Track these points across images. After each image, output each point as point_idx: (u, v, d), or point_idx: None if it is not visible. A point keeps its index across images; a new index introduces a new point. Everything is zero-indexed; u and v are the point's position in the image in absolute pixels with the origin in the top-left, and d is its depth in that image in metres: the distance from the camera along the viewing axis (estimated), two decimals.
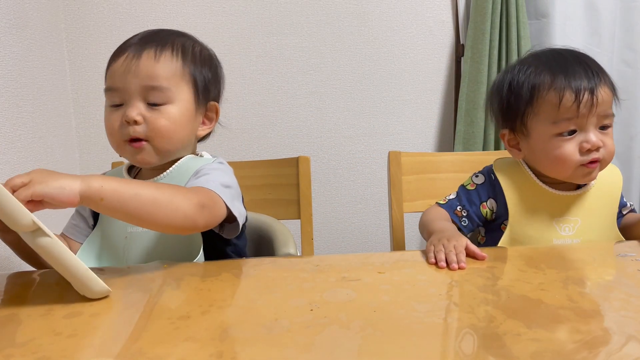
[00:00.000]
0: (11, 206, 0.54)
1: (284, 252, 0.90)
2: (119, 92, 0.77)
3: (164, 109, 0.77)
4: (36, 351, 0.47)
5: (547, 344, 0.46)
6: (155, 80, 0.77)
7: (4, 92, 1.19)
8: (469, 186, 0.92)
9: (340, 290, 0.60)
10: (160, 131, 0.77)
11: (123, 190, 0.62)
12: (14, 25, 1.25)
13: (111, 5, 1.59)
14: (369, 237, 1.82)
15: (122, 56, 0.77)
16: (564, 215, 0.85)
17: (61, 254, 0.57)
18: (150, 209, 0.64)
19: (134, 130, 0.76)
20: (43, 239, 0.56)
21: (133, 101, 0.76)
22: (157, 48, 0.78)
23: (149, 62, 0.77)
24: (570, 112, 0.80)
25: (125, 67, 0.76)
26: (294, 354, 0.46)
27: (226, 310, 0.56)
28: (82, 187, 0.59)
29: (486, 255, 0.71)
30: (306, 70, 1.71)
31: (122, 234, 0.79)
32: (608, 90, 0.82)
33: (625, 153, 1.82)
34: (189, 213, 0.67)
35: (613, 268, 0.69)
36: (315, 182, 1.44)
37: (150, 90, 0.76)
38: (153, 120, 0.77)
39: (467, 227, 0.89)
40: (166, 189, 0.67)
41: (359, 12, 1.70)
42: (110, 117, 0.78)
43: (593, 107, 0.79)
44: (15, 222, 0.54)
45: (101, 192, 0.61)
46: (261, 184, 1.17)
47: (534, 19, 1.71)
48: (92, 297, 0.59)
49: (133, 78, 0.76)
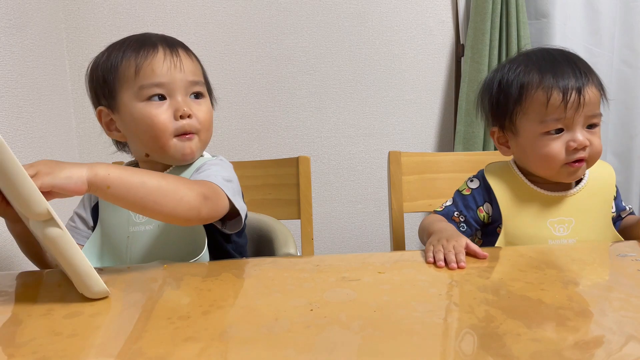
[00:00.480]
0: (29, 192, 0.54)
1: (284, 252, 0.90)
2: (163, 87, 0.78)
3: (204, 102, 0.82)
4: (36, 351, 0.47)
5: (547, 344, 0.46)
6: (197, 75, 0.81)
7: (4, 92, 1.19)
8: (464, 191, 0.92)
9: (340, 290, 0.60)
10: (207, 123, 0.81)
11: (129, 178, 0.63)
12: (14, 25, 1.25)
13: (111, 5, 1.59)
14: (369, 237, 1.83)
15: (158, 52, 0.78)
16: (558, 215, 0.85)
17: (68, 248, 0.57)
18: (155, 197, 0.64)
19: (189, 124, 0.78)
20: (54, 229, 0.55)
21: (181, 96, 0.78)
22: (182, 47, 0.82)
23: (187, 59, 0.81)
24: (558, 111, 0.81)
25: (169, 63, 0.78)
26: (294, 354, 0.46)
27: (226, 310, 0.56)
28: (89, 175, 0.60)
29: (487, 254, 0.71)
30: (306, 70, 1.71)
31: (124, 233, 0.79)
32: (596, 90, 0.82)
33: (625, 153, 1.81)
34: (193, 203, 0.67)
35: (613, 268, 0.69)
36: (315, 182, 1.44)
37: (194, 84, 0.80)
38: (199, 114, 0.80)
39: (465, 233, 0.89)
40: (171, 179, 0.67)
41: (358, 12, 1.70)
42: (153, 111, 0.77)
43: (580, 106, 0.80)
44: (29, 208, 0.54)
45: (107, 180, 0.61)
46: (261, 184, 1.17)
47: (534, 19, 1.71)
48: (90, 297, 0.59)
49: (179, 73, 0.78)
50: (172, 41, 0.82)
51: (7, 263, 1.13)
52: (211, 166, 0.80)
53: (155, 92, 0.77)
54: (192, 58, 0.83)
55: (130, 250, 0.79)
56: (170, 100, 0.78)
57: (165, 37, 0.83)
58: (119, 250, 0.79)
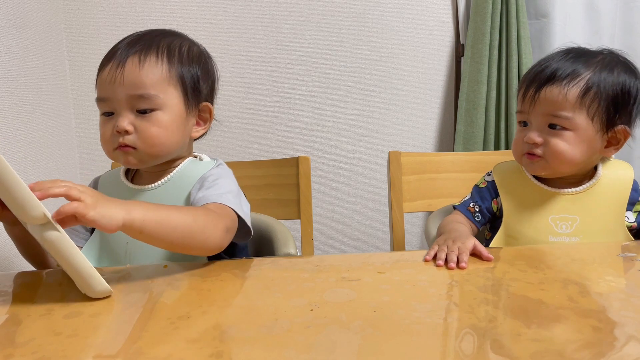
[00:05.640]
0: (24, 197, 0.54)
1: (284, 252, 0.90)
2: (108, 102, 0.77)
3: (153, 116, 0.76)
4: (36, 351, 0.47)
5: (547, 344, 0.46)
6: (141, 89, 0.75)
7: (4, 92, 1.19)
8: (481, 184, 0.95)
9: (340, 290, 0.60)
10: (152, 139, 0.76)
11: (163, 223, 0.64)
12: (14, 25, 1.25)
13: (111, 5, 1.59)
14: (369, 237, 1.83)
15: (108, 65, 0.77)
16: (561, 212, 0.86)
17: (68, 250, 0.57)
18: (185, 239, 0.66)
19: (124, 140, 0.76)
20: (52, 232, 0.56)
21: (122, 111, 0.76)
22: (140, 54, 0.77)
23: (133, 70, 0.75)
24: (520, 104, 0.88)
25: (111, 77, 0.75)
26: (294, 354, 0.46)
27: (226, 310, 0.56)
28: (125, 218, 0.60)
29: (492, 257, 0.71)
30: (306, 70, 1.71)
31: (123, 238, 0.78)
32: (572, 93, 0.81)
33: (625, 153, 1.81)
34: (218, 240, 0.70)
35: (613, 268, 0.69)
36: (315, 182, 1.44)
37: (137, 98, 0.75)
38: (143, 129, 0.76)
39: (480, 222, 0.92)
40: (200, 217, 0.68)
41: (358, 12, 1.70)
42: (103, 126, 0.79)
43: (534, 103, 0.84)
44: (26, 213, 0.54)
45: (142, 225, 0.62)
46: (261, 184, 1.17)
47: (534, 19, 1.71)
48: (93, 297, 0.59)
49: (119, 87, 0.75)
50: (138, 43, 0.78)
51: (7, 263, 1.13)
52: (218, 179, 0.79)
53: (102, 106, 0.78)
54: (147, 66, 0.76)
55: (129, 256, 0.78)
56: (115, 115, 0.77)
57: (135, 39, 0.80)
58: (118, 255, 0.79)
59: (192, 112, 0.82)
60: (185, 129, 0.81)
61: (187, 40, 0.84)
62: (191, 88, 0.80)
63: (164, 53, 0.78)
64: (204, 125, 0.85)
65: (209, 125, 0.86)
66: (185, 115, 0.80)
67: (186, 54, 0.81)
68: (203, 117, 0.84)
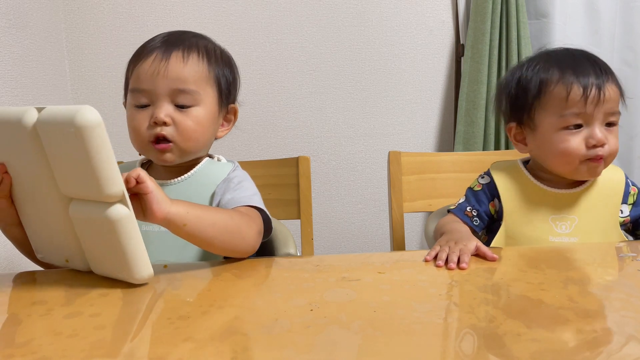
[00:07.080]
0: (111, 172, 0.56)
1: (284, 252, 0.90)
2: (146, 93, 0.77)
3: (192, 111, 0.78)
4: (36, 351, 0.47)
5: (547, 344, 0.46)
6: (184, 83, 0.77)
7: (4, 92, 1.19)
8: (475, 187, 0.93)
9: (340, 290, 0.60)
10: (188, 133, 0.78)
11: (203, 217, 0.66)
12: (14, 25, 1.25)
13: (111, 6, 1.59)
14: (369, 237, 1.82)
15: (150, 57, 0.78)
16: (561, 213, 0.85)
17: (130, 229, 0.58)
18: (223, 237, 0.68)
19: (162, 130, 0.77)
20: (122, 210, 0.57)
21: (161, 102, 0.77)
22: (184, 50, 0.79)
23: (177, 65, 0.78)
24: (578, 106, 0.81)
25: (154, 69, 0.77)
26: (294, 354, 0.46)
27: (226, 310, 0.56)
28: (170, 209, 0.63)
29: (497, 257, 0.70)
30: (306, 70, 1.71)
31: None
32: (615, 88, 0.83)
33: (625, 153, 1.82)
34: (252, 242, 0.72)
35: (613, 268, 0.69)
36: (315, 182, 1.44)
37: (179, 93, 0.77)
38: (181, 122, 0.77)
39: (479, 227, 0.90)
40: (236, 218, 0.71)
41: (358, 12, 1.70)
42: (136, 116, 0.78)
43: (600, 102, 0.81)
44: (105, 188, 0.56)
45: (186, 218, 0.64)
46: (261, 184, 1.16)
47: (534, 19, 1.71)
48: (135, 283, 0.61)
49: (162, 80, 0.76)
50: (178, 41, 0.80)
51: (7, 263, 1.13)
52: (242, 182, 0.81)
53: (138, 97, 0.78)
54: (191, 63, 0.79)
55: None
56: (151, 107, 0.78)
57: (173, 38, 0.81)
58: None
59: (222, 112, 0.85)
60: (215, 128, 0.84)
61: (218, 45, 0.88)
62: (225, 90, 0.84)
63: (204, 53, 0.81)
64: (227, 126, 0.88)
65: (231, 126, 0.89)
66: (217, 114, 0.83)
67: (221, 57, 0.85)
68: (228, 118, 0.88)
